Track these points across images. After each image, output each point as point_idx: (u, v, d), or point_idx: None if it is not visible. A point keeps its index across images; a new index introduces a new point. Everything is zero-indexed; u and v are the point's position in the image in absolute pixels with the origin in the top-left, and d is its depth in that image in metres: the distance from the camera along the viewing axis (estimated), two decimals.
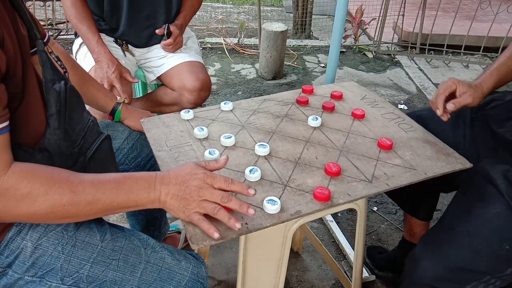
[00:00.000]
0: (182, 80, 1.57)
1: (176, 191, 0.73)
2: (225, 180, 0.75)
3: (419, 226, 1.36)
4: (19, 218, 0.65)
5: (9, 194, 0.61)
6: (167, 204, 0.73)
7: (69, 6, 1.49)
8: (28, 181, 0.63)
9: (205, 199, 0.74)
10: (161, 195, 0.73)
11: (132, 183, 0.71)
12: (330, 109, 1.19)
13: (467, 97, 1.04)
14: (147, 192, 0.72)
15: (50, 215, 0.65)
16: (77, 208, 0.67)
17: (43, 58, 0.77)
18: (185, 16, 1.64)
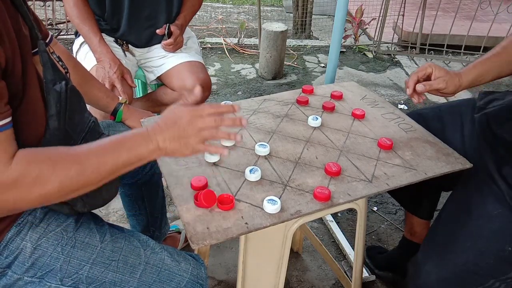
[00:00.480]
0: (183, 80, 1.57)
1: (171, 134, 0.73)
2: (211, 106, 0.77)
3: (419, 225, 1.36)
4: (34, 203, 0.66)
5: (19, 182, 0.61)
6: (168, 149, 0.74)
7: (71, 6, 1.49)
8: (35, 165, 0.63)
9: (201, 128, 0.75)
10: (159, 143, 0.73)
11: (129, 141, 0.72)
12: (330, 109, 1.19)
13: (440, 82, 1.02)
14: (146, 144, 0.72)
15: (62, 191, 0.65)
16: (86, 177, 0.67)
17: (44, 58, 0.76)
18: (186, 16, 1.64)
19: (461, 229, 0.93)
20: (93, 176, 0.68)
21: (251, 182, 0.89)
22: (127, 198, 1.34)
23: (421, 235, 1.37)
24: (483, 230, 0.90)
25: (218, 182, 0.89)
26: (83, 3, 1.50)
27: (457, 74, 1.04)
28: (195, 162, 0.96)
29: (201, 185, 0.86)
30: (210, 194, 0.82)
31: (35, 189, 0.63)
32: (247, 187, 0.88)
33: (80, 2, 1.49)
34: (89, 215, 0.86)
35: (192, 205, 0.82)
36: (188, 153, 0.76)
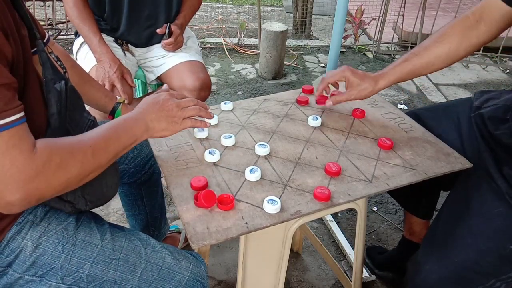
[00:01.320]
0: (182, 80, 1.57)
1: (157, 114, 0.83)
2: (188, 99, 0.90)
3: (419, 225, 1.36)
4: (58, 189, 0.67)
5: (45, 169, 0.63)
6: (156, 127, 0.83)
7: (71, 7, 1.49)
8: (56, 152, 0.65)
9: (184, 106, 0.87)
10: (147, 122, 0.82)
11: (124, 124, 0.79)
12: (322, 102, 1.18)
13: (352, 94, 1.05)
14: (137, 125, 0.80)
15: (82, 174, 0.69)
16: (99, 159, 0.72)
17: (43, 57, 0.77)
18: (185, 16, 1.64)
19: (461, 228, 0.93)
20: (103, 158, 0.73)
21: (251, 182, 0.89)
22: (127, 198, 1.34)
23: (421, 235, 1.37)
24: (483, 228, 0.90)
25: (218, 182, 0.89)
26: (83, 3, 1.50)
27: (374, 78, 1.05)
28: (195, 162, 0.96)
29: (201, 185, 0.86)
30: (210, 194, 0.82)
31: (59, 175, 0.65)
32: (247, 187, 0.88)
33: (80, 2, 1.49)
34: (89, 214, 0.86)
35: (192, 205, 0.82)
36: (175, 128, 0.86)
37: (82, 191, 0.78)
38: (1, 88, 0.59)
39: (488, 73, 3.31)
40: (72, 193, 0.77)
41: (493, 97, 1.13)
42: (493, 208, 0.91)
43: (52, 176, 0.64)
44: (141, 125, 0.81)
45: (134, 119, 0.81)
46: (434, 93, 2.97)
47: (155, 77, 1.67)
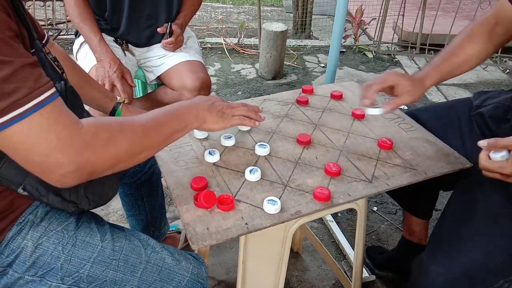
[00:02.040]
0: (182, 80, 1.57)
1: (209, 107, 0.87)
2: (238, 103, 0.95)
3: (418, 225, 1.36)
4: (108, 165, 0.68)
5: (94, 142, 0.64)
6: (207, 118, 0.86)
7: (72, 6, 1.49)
8: (104, 127, 0.66)
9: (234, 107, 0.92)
10: (199, 111, 0.85)
11: (176, 109, 0.83)
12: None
13: (407, 97, 1.00)
14: (189, 112, 0.83)
15: (131, 151, 0.70)
16: (149, 139, 0.73)
17: (41, 58, 0.76)
18: (186, 16, 1.64)
19: (468, 229, 0.91)
20: (154, 138, 0.75)
21: (251, 183, 0.89)
22: (127, 198, 1.34)
23: (420, 235, 1.37)
24: (491, 229, 0.88)
25: (218, 183, 0.89)
26: (84, 3, 1.50)
27: (420, 80, 1.03)
28: (195, 162, 0.96)
29: (201, 186, 0.86)
30: (210, 194, 0.82)
31: (109, 149, 0.66)
32: (247, 187, 0.88)
33: (81, 1, 1.49)
34: (90, 214, 0.86)
35: (192, 205, 0.82)
36: (225, 124, 0.89)
37: (85, 191, 0.78)
38: (27, 67, 0.59)
39: (488, 73, 3.31)
40: (75, 192, 0.77)
41: (492, 96, 1.13)
42: (501, 208, 0.89)
43: (101, 150, 0.65)
44: (193, 113, 0.84)
45: (186, 106, 0.84)
46: (434, 93, 2.97)
47: (155, 77, 1.67)
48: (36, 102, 0.59)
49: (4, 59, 0.56)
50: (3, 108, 0.56)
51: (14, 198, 0.75)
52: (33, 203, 0.78)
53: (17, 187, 0.72)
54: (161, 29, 1.56)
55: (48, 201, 0.75)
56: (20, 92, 0.57)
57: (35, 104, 0.58)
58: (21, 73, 0.58)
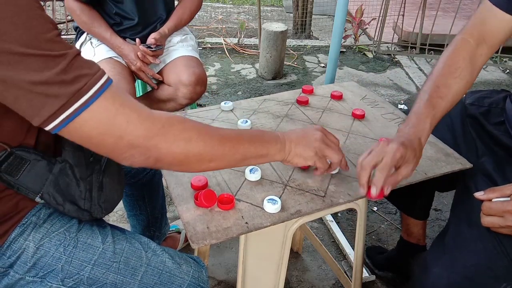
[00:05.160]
0: (178, 74, 1.58)
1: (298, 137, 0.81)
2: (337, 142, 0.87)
3: (416, 226, 1.36)
4: (176, 158, 0.67)
5: (166, 130, 0.64)
6: (292, 152, 0.80)
7: (78, 14, 1.55)
8: (179, 122, 0.66)
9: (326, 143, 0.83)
10: (286, 144, 0.79)
11: (263, 134, 0.79)
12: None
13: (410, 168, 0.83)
14: (275, 141, 0.79)
15: (202, 155, 0.69)
16: (224, 151, 0.71)
17: None
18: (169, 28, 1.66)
19: (470, 232, 0.90)
20: (230, 154, 0.72)
21: (251, 182, 0.89)
22: (128, 198, 1.34)
23: (418, 235, 1.37)
24: (494, 232, 0.87)
25: (218, 182, 0.89)
26: (88, 7, 1.55)
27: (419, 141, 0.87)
28: None
29: (201, 185, 0.86)
30: (210, 193, 0.82)
31: (180, 143, 0.66)
32: (247, 187, 0.88)
33: (85, 6, 1.54)
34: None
35: (192, 205, 0.83)
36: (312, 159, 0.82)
37: (99, 199, 0.79)
38: (78, 57, 0.60)
39: (488, 73, 3.31)
40: (89, 201, 0.77)
41: (484, 96, 1.12)
42: None
43: (173, 140, 0.65)
44: (279, 143, 0.79)
45: (274, 135, 0.80)
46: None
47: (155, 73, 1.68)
48: (97, 88, 0.59)
49: (59, 53, 0.57)
50: (68, 99, 0.57)
51: (19, 200, 0.75)
52: (37, 205, 0.78)
53: (34, 195, 0.73)
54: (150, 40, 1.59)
55: (64, 209, 0.76)
56: (81, 82, 0.58)
57: (97, 90, 0.59)
58: (75, 63, 0.59)
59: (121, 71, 1.54)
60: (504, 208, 0.78)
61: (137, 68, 1.57)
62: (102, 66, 1.49)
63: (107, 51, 1.58)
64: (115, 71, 1.51)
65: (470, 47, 0.97)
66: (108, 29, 1.57)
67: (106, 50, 1.59)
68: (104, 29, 1.56)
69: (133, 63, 1.56)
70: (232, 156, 0.73)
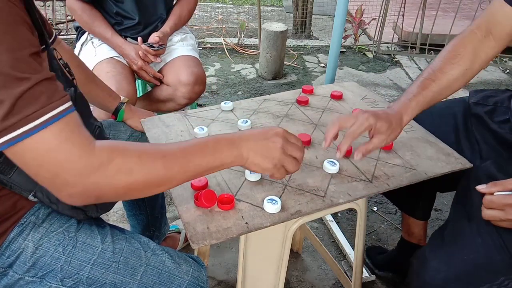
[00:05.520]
0: (177, 74, 1.58)
1: (258, 147, 0.74)
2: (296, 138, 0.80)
3: (417, 226, 1.36)
4: (120, 192, 0.65)
5: (105, 167, 0.61)
6: (250, 159, 0.74)
7: (79, 14, 1.55)
8: (119, 153, 0.63)
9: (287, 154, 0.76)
10: (243, 150, 0.73)
11: (215, 143, 0.72)
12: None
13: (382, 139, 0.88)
14: (230, 149, 0.72)
15: (148, 184, 0.66)
16: (171, 173, 0.67)
17: (54, 65, 0.76)
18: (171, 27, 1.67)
19: (469, 226, 0.91)
20: (178, 175, 0.68)
21: (251, 182, 0.89)
22: None
23: (419, 236, 1.37)
24: (493, 227, 0.87)
25: (218, 182, 0.89)
26: (89, 7, 1.55)
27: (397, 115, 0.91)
28: None
29: (201, 185, 0.86)
30: (210, 194, 0.82)
31: (120, 177, 0.62)
32: (247, 187, 0.88)
33: (86, 6, 1.54)
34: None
35: (192, 205, 0.82)
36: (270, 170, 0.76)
37: None
38: (44, 82, 0.58)
39: (488, 73, 3.31)
40: None
41: (489, 95, 1.12)
42: None
43: (112, 177, 0.62)
44: (235, 150, 0.72)
45: (228, 140, 0.73)
46: None
47: None
48: (46, 118, 0.57)
49: (21, 76, 0.55)
50: (13, 123, 0.55)
51: (17, 200, 0.75)
52: (36, 204, 0.78)
53: (28, 193, 0.73)
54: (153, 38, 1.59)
55: (58, 208, 0.76)
56: (31, 108, 0.56)
57: (45, 120, 0.57)
58: (36, 89, 0.57)
59: (122, 70, 1.54)
60: (506, 202, 0.79)
61: (138, 67, 1.56)
62: (103, 66, 1.52)
63: (109, 51, 1.58)
64: (116, 70, 1.51)
65: (476, 38, 0.98)
66: (109, 29, 1.57)
67: (107, 50, 1.59)
68: (105, 28, 1.56)
69: (135, 62, 1.56)
70: (182, 175, 0.69)
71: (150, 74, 1.60)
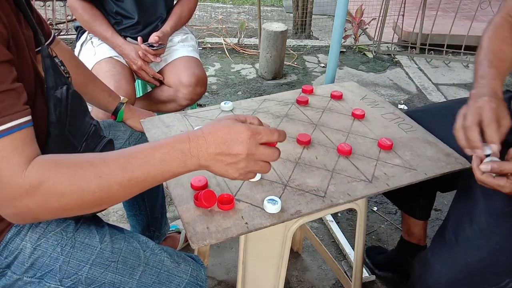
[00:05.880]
0: (178, 75, 1.58)
1: (219, 157, 0.64)
2: (270, 132, 0.67)
3: (417, 226, 1.36)
4: (55, 214, 0.62)
5: (35, 190, 0.58)
6: (211, 168, 0.66)
7: (80, 13, 1.55)
8: (50, 173, 0.59)
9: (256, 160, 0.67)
10: (200, 161, 0.64)
11: (164, 155, 0.63)
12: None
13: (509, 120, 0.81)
14: (183, 161, 0.63)
15: (84, 204, 0.61)
16: (109, 192, 0.61)
17: (46, 64, 0.76)
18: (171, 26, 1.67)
19: (472, 228, 0.90)
20: (118, 193, 0.62)
21: (251, 182, 0.89)
22: None
23: (419, 236, 1.37)
24: (495, 228, 0.87)
25: (218, 182, 0.89)
26: (90, 6, 1.55)
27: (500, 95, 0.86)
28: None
29: (201, 185, 0.86)
30: (210, 194, 0.82)
31: (52, 199, 0.59)
32: (247, 187, 0.88)
33: (87, 5, 1.54)
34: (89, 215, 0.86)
35: (192, 205, 0.82)
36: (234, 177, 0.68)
37: None
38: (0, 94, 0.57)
39: None
40: None
41: None
42: (503, 207, 0.89)
43: (42, 201, 0.59)
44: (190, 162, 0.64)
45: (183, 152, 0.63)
46: (434, 93, 2.97)
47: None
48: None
49: None
50: None
51: None
52: None
53: None
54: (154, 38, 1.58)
55: None
56: None
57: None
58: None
59: (121, 70, 1.54)
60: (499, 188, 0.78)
61: (138, 67, 1.56)
62: (103, 65, 1.52)
63: (108, 51, 1.58)
64: (115, 70, 1.51)
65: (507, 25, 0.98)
66: (110, 28, 1.57)
67: (107, 49, 1.59)
68: (106, 28, 1.56)
69: (134, 62, 1.56)
70: (123, 193, 0.63)
71: (149, 74, 1.59)
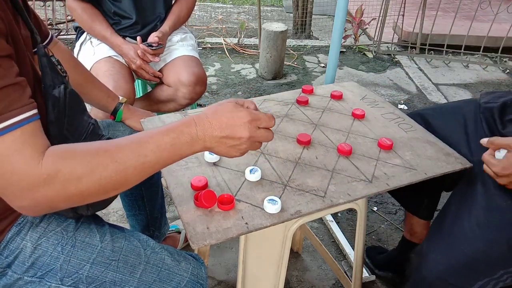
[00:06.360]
0: (178, 75, 1.58)
1: (223, 140, 0.70)
2: (268, 118, 0.73)
3: (420, 226, 1.36)
4: (72, 201, 0.63)
5: (52, 179, 0.59)
6: (214, 149, 0.71)
7: (79, 13, 1.55)
8: (66, 161, 0.60)
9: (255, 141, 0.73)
10: (206, 143, 0.69)
11: (174, 139, 0.67)
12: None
13: None
14: (191, 144, 0.68)
15: (101, 189, 0.63)
16: (125, 176, 0.64)
17: (43, 63, 0.76)
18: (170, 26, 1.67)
19: (468, 219, 0.91)
20: (132, 176, 0.65)
21: (251, 182, 0.89)
22: (127, 198, 1.34)
23: (421, 236, 1.37)
24: (492, 220, 0.88)
25: (218, 182, 0.89)
26: (90, 6, 1.55)
27: None
28: (195, 162, 0.96)
29: (201, 185, 0.86)
30: (210, 194, 0.82)
31: (70, 186, 0.60)
32: (247, 187, 0.88)
33: (87, 5, 1.54)
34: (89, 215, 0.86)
35: (192, 205, 0.82)
36: (235, 156, 0.74)
37: None
38: (5, 88, 0.57)
39: (488, 73, 3.31)
40: None
41: (500, 95, 1.13)
42: (503, 201, 0.90)
43: (61, 187, 0.60)
44: (196, 145, 0.69)
45: (191, 136, 0.68)
46: (434, 93, 2.97)
47: None
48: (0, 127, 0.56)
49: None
50: None
51: None
52: None
53: None
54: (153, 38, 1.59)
55: None
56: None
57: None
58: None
59: (120, 70, 1.54)
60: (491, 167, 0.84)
61: (137, 66, 1.56)
62: (101, 64, 1.52)
63: (107, 50, 1.58)
64: (114, 70, 1.51)
65: None
66: (109, 28, 1.57)
67: (106, 49, 1.59)
68: (105, 28, 1.56)
69: (133, 61, 1.56)
70: (137, 176, 0.66)
71: (149, 72, 1.59)
